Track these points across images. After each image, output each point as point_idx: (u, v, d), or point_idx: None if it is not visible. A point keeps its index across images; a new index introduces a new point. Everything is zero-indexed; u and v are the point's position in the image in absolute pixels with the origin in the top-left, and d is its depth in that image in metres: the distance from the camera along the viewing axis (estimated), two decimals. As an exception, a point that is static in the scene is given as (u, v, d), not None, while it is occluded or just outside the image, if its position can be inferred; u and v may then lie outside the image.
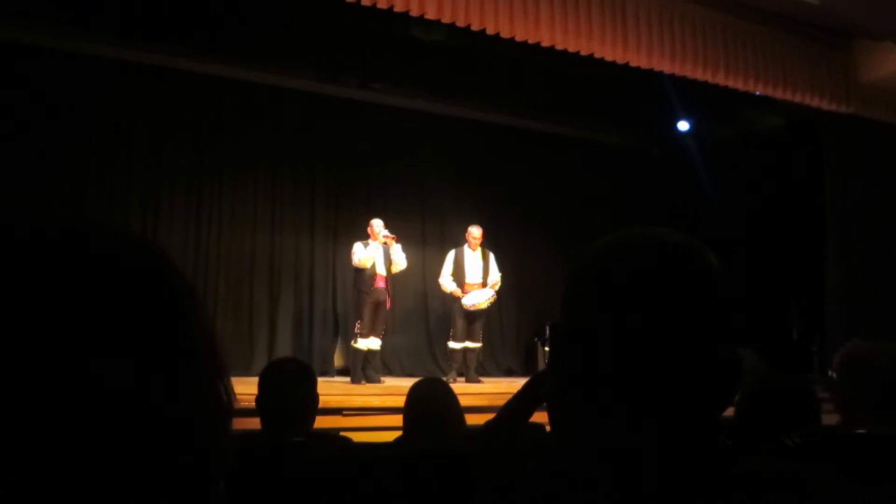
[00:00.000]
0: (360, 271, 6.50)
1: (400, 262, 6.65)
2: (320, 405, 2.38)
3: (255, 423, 2.34)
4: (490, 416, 1.92)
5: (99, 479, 0.41)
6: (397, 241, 6.61)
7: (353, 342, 6.54)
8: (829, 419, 2.23)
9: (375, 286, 6.48)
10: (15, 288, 0.42)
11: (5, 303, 0.41)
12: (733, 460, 0.67)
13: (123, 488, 0.42)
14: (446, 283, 6.96)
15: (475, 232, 6.98)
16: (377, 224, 6.59)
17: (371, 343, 6.49)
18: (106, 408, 0.42)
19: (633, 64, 5.73)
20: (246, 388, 3.01)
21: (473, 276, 6.91)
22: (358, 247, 6.52)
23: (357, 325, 6.51)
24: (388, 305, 6.68)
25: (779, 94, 6.35)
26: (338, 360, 7.73)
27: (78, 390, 0.41)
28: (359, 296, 6.55)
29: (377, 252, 6.50)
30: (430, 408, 2.41)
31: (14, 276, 0.42)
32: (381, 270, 6.53)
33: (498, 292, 7.04)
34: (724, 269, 0.71)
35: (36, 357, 0.41)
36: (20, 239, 0.44)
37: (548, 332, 7.63)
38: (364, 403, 5.17)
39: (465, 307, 6.77)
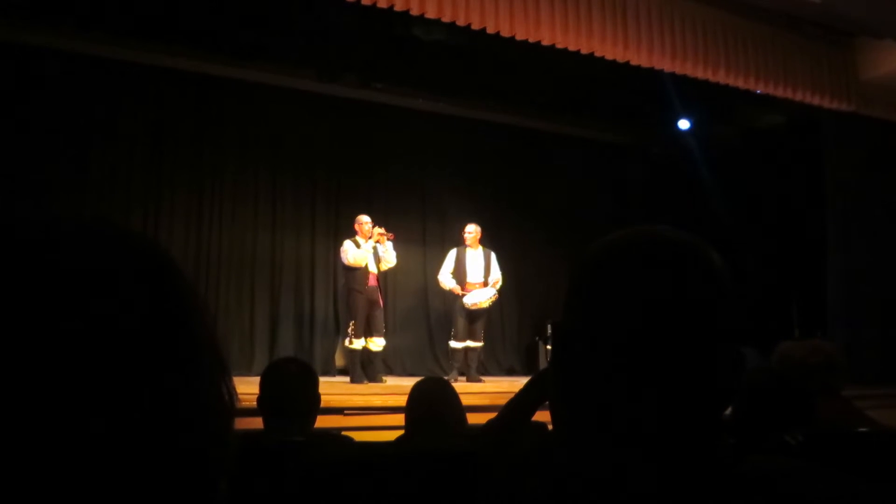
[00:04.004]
0: (352, 270, 6.43)
1: (390, 259, 6.59)
2: (322, 405, 2.39)
3: (256, 423, 2.34)
4: (492, 415, 1.93)
5: (100, 480, 0.41)
6: (392, 239, 6.58)
7: (347, 343, 6.48)
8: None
9: (368, 284, 6.44)
10: (16, 289, 0.42)
11: (7, 304, 0.41)
12: (736, 459, 0.67)
13: (125, 489, 0.42)
14: (445, 280, 6.95)
15: (469, 228, 6.98)
16: (366, 220, 6.54)
17: (372, 342, 6.46)
18: (107, 408, 0.42)
19: (634, 62, 5.73)
20: (247, 388, 3.01)
21: (475, 275, 6.90)
22: (349, 245, 6.44)
23: (350, 326, 6.46)
24: (381, 303, 6.65)
25: (779, 92, 6.34)
26: (339, 360, 7.72)
27: (79, 391, 0.41)
28: (351, 295, 6.46)
29: (369, 250, 6.48)
30: (432, 407, 2.41)
31: (15, 278, 0.42)
32: (373, 268, 6.50)
33: (499, 291, 7.03)
34: (727, 268, 0.70)
35: (35, 357, 0.41)
36: (21, 239, 0.44)
37: (550, 331, 7.63)
38: (365, 403, 5.17)
39: (466, 306, 6.77)
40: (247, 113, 7.63)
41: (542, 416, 1.65)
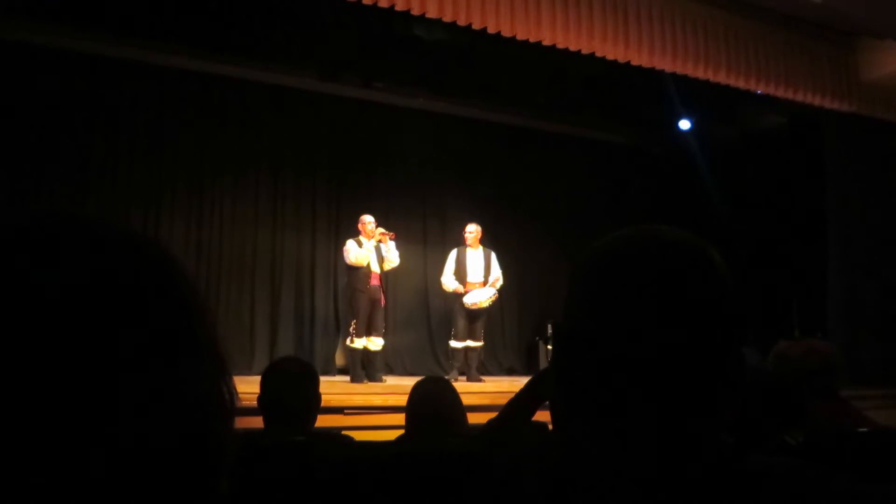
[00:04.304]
0: (354, 270, 6.45)
1: (393, 259, 6.62)
2: (322, 404, 2.38)
3: (257, 422, 2.34)
4: (492, 415, 1.93)
5: (101, 479, 0.41)
6: (393, 239, 6.59)
7: (348, 342, 6.49)
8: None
9: (371, 284, 6.45)
10: (17, 289, 0.42)
11: (10, 301, 0.41)
12: (737, 459, 0.67)
13: (126, 487, 0.42)
14: (448, 282, 6.96)
15: (470, 228, 6.99)
16: (369, 220, 6.55)
17: (371, 342, 6.48)
18: (108, 407, 0.42)
19: (635, 63, 5.73)
20: (248, 388, 3.01)
21: (475, 274, 6.90)
22: (352, 245, 6.47)
23: (352, 325, 6.48)
24: (383, 303, 6.66)
25: (780, 92, 6.34)
26: (339, 359, 7.72)
27: (80, 390, 0.41)
28: (354, 294, 6.48)
29: (371, 250, 6.49)
30: (432, 406, 2.41)
31: (15, 277, 0.42)
32: (375, 268, 6.51)
33: (499, 291, 7.03)
34: (727, 267, 0.70)
35: (38, 355, 0.41)
36: (22, 239, 0.44)
37: (550, 331, 7.61)
38: (365, 402, 5.16)
39: (466, 306, 6.77)
40: (247, 112, 7.63)
41: (543, 416, 1.65)
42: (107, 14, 6.06)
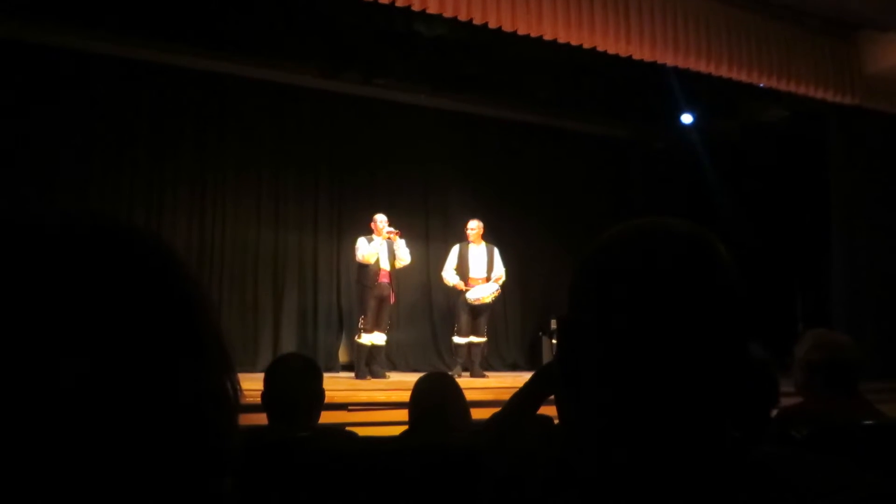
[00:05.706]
0: (363, 266, 6.51)
1: (404, 257, 6.66)
2: (325, 400, 2.39)
3: (261, 419, 2.34)
4: (495, 410, 1.92)
5: (106, 476, 0.41)
6: (401, 237, 6.63)
7: (356, 337, 6.55)
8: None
9: (379, 281, 6.49)
10: (21, 284, 0.42)
11: (13, 299, 0.41)
12: (743, 453, 0.67)
13: (131, 484, 0.42)
14: (449, 276, 6.97)
15: (472, 224, 7.00)
16: (381, 219, 6.59)
17: (376, 338, 6.51)
18: (113, 404, 0.42)
19: (636, 57, 5.72)
20: (251, 384, 3.01)
21: (477, 270, 6.91)
22: (362, 242, 6.53)
23: (361, 321, 6.53)
24: (393, 300, 6.69)
25: (783, 85, 6.33)
26: (342, 356, 7.74)
27: (85, 386, 0.41)
28: (363, 291, 6.56)
29: (381, 247, 6.52)
30: (435, 402, 2.41)
31: (20, 273, 0.42)
32: (385, 265, 6.54)
33: (502, 287, 7.04)
34: (733, 260, 0.70)
35: (43, 352, 0.41)
36: (27, 235, 0.44)
37: (554, 326, 7.59)
38: (369, 398, 5.18)
39: (469, 301, 6.78)
40: (249, 109, 7.63)
41: (548, 410, 1.64)
42: (107, 12, 6.06)
